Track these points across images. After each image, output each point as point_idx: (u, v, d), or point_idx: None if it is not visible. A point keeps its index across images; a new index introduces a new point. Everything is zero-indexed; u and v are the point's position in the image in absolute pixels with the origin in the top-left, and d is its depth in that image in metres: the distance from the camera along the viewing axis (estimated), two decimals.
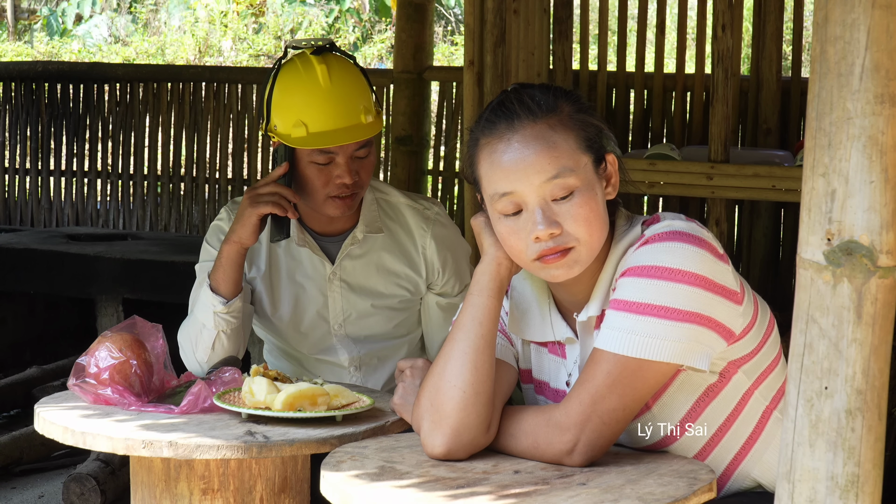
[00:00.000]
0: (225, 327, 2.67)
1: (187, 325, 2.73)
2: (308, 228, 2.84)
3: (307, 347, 2.88)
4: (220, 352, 2.69)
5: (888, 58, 1.37)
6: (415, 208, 2.87)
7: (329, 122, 2.66)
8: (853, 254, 1.40)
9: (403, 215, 2.87)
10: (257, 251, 2.84)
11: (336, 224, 2.83)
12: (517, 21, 4.11)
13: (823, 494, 1.43)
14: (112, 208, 7.12)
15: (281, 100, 2.70)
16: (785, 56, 7.26)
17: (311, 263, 2.84)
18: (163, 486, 2.22)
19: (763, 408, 1.98)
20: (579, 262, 1.88)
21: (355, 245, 2.83)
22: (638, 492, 1.72)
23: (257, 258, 2.85)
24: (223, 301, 2.65)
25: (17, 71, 7.36)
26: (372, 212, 2.84)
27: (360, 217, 2.82)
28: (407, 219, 2.87)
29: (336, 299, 2.85)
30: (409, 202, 2.88)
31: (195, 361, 2.71)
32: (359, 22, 13.09)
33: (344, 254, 2.82)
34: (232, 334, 2.69)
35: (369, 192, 2.85)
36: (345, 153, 2.68)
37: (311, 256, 2.83)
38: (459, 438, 1.88)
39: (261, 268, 2.84)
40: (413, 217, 2.86)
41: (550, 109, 1.89)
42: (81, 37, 13.25)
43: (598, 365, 1.84)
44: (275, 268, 2.85)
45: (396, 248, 2.85)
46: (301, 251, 2.83)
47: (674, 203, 5.18)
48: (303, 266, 2.85)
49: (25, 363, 5.34)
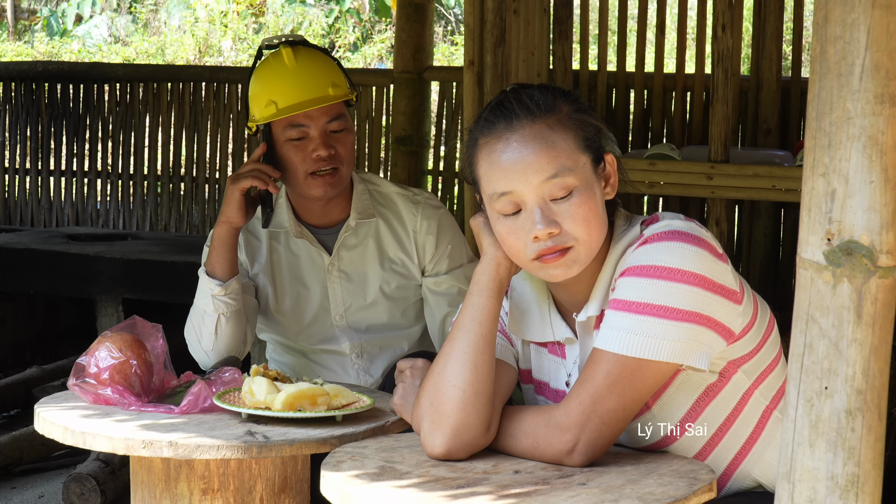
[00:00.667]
0: (225, 310, 2.72)
1: (190, 317, 2.80)
2: (304, 222, 2.88)
3: (310, 340, 2.93)
4: (223, 338, 2.74)
5: (888, 58, 1.37)
6: (405, 195, 2.94)
7: (296, 96, 2.75)
8: (853, 254, 1.40)
9: (395, 203, 2.93)
10: (257, 248, 2.90)
11: (331, 215, 2.88)
12: (517, 21, 4.11)
13: (823, 494, 1.43)
14: (112, 208, 7.12)
15: (254, 89, 2.82)
16: (785, 56, 7.26)
17: (310, 256, 2.89)
18: (163, 486, 2.22)
19: (763, 407, 1.98)
20: (578, 262, 1.88)
21: (350, 234, 2.88)
22: (638, 492, 1.72)
23: (258, 255, 2.91)
24: (219, 283, 2.71)
25: (17, 71, 7.36)
26: (364, 200, 2.89)
27: (351, 206, 2.88)
28: (398, 206, 2.92)
29: (336, 290, 2.89)
30: (399, 191, 2.95)
31: (202, 352, 2.77)
32: (359, 22, 13.09)
33: (340, 243, 2.87)
34: (232, 317, 2.74)
35: (360, 183, 2.90)
36: (317, 126, 2.75)
37: (310, 249, 2.89)
38: (459, 438, 1.88)
39: (262, 264, 2.90)
40: (403, 203, 2.92)
41: (549, 109, 1.89)
42: (81, 37, 13.24)
43: (598, 365, 1.84)
44: (276, 263, 2.90)
45: (390, 234, 2.91)
46: (300, 246, 2.88)
47: (674, 203, 5.18)
48: (302, 260, 2.90)
49: (25, 363, 5.34)
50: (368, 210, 2.89)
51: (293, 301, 2.90)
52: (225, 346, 2.74)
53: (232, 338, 2.75)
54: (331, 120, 2.77)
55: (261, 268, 2.89)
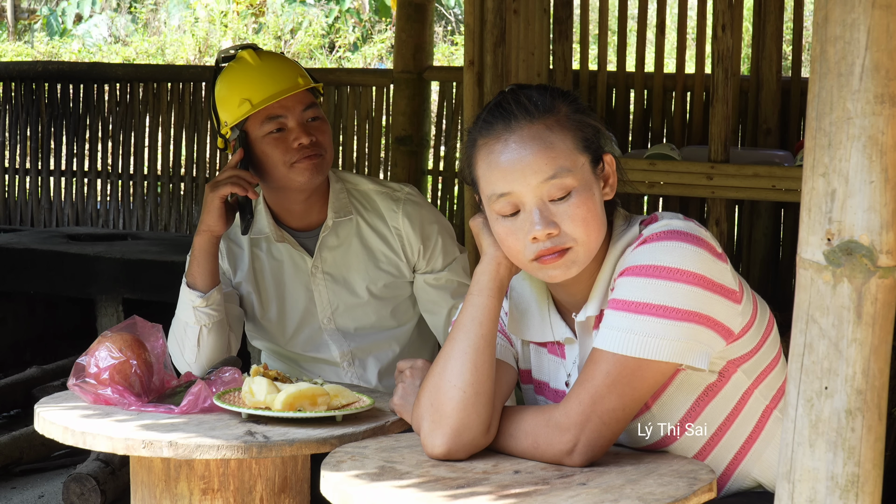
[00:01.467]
0: (207, 321, 2.69)
1: (173, 329, 2.75)
2: (284, 226, 2.86)
3: (299, 346, 2.90)
4: (206, 349, 2.70)
5: (888, 58, 1.37)
6: (383, 192, 2.90)
7: (269, 89, 2.75)
8: (853, 254, 1.40)
9: (374, 201, 2.89)
10: (239, 256, 2.87)
11: (310, 216, 2.85)
12: (517, 21, 4.11)
13: (823, 494, 1.43)
14: (112, 208, 7.12)
15: (222, 93, 2.81)
16: (785, 56, 7.26)
17: (293, 260, 2.87)
18: (163, 486, 2.22)
19: (763, 407, 1.98)
20: (577, 263, 1.88)
21: (329, 234, 2.85)
22: (638, 492, 1.72)
23: (240, 262, 2.88)
24: (200, 294, 2.68)
25: (17, 71, 7.36)
26: (341, 199, 2.86)
27: (328, 205, 2.85)
28: (377, 203, 2.89)
29: (322, 293, 2.87)
30: (377, 188, 2.91)
31: (185, 363, 2.73)
32: (359, 22, 13.09)
33: (320, 243, 2.85)
34: (214, 328, 2.70)
35: (337, 181, 2.88)
36: (294, 115, 2.75)
37: (292, 253, 2.86)
38: (459, 438, 1.88)
39: (244, 271, 2.87)
40: (383, 201, 2.89)
41: (547, 110, 1.89)
42: (81, 37, 13.24)
43: (598, 365, 1.84)
44: (258, 270, 2.87)
45: (372, 232, 2.87)
46: (282, 251, 2.86)
47: (674, 203, 5.18)
48: (285, 264, 2.87)
49: (25, 363, 5.34)
50: (346, 208, 2.86)
51: (279, 307, 2.87)
52: (207, 358, 2.70)
53: (215, 349, 2.71)
54: (306, 108, 2.76)
55: (244, 276, 2.86)
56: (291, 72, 2.80)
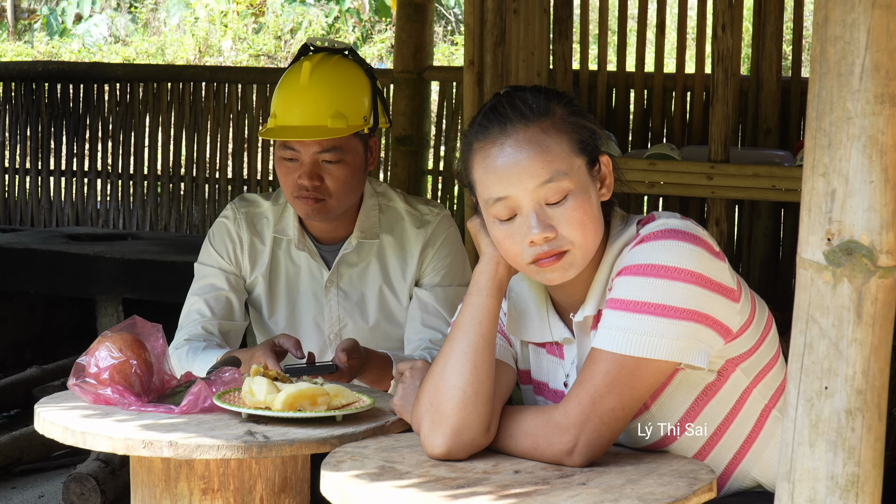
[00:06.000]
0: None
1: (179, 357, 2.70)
2: (310, 234, 2.83)
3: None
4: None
5: (888, 58, 1.37)
6: (414, 215, 2.83)
7: (294, 118, 2.67)
8: (853, 254, 1.40)
9: (403, 222, 2.83)
10: (261, 252, 2.84)
11: (336, 231, 2.81)
12: (517, 21, 4.11)
13: (823, 494, 1.43)
14: (112, 208, 7.12)
15: (274, 93, 2.76)
16: (785, 56, 7.26)
17: (310, 269, 2.83)
18: (163, 486, 2.22)
19: (762, 406, 1.98)
20: (574, 265, 1.88)
21: (351, 252, 2.80)
22: (638, 492, 1.72)
23: (260, 258, 2.85)
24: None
25: (17, 71, 7.36)
26: (371, 217, 2.80)
27: (356, 223, 2.79)
28: (406, 225, 2.82)
29: (332, 308, 2.83)
30: (409, 209, 2.84)
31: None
32: (359, 22, 13.10)
33: (339, 259, 2.80)
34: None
35: (372, 197, 2.81)
36: (307, 153, 2.66)
37: (310, 262, 2.82)
38: (459, 438, 1.88)
39: (262, 269, 2.84)
40: (411, 224, 2.82)
41: (543, 113, 1.89)
42: (81, 36, 13.25)
43: (597, 364, 1.84)
44: (275, 270, 2.84)
45: (393, 256, 2.81)
46: (301, 257, 2.83)
47: (674, 203, 5.18)
48: (301, 271, 2.84)
49: (25, 363, 5.34)
50: (373, 229, 2.79)
51: (288, 312, 2.85)
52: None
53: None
54: (323, 150, 2.66)
55: (260, 272, 2.84)
56: (328, 107, 2.65)
